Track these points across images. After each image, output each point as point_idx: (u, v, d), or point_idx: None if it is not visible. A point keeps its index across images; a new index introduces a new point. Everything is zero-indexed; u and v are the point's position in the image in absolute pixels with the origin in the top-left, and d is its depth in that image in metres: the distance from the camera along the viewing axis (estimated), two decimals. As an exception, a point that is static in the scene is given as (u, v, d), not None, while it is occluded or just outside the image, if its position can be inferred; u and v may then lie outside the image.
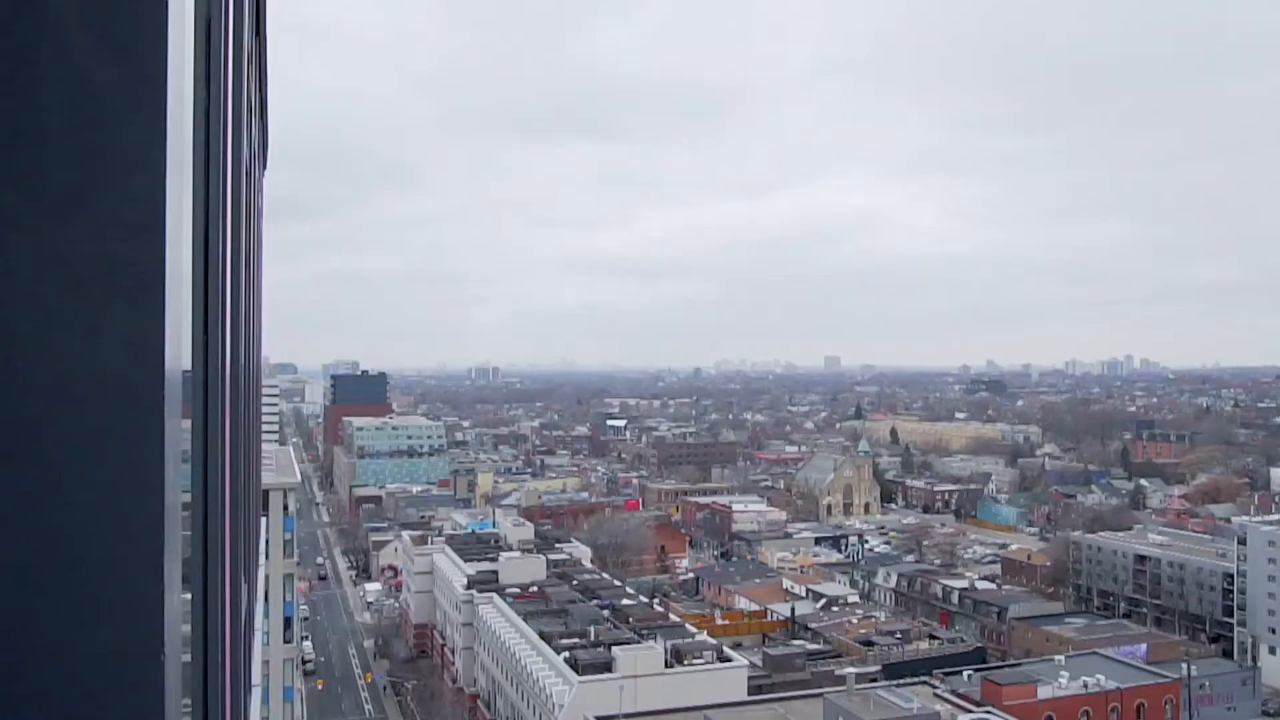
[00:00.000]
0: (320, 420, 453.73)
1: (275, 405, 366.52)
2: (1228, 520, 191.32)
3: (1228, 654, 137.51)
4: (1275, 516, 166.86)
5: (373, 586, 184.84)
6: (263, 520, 59.85)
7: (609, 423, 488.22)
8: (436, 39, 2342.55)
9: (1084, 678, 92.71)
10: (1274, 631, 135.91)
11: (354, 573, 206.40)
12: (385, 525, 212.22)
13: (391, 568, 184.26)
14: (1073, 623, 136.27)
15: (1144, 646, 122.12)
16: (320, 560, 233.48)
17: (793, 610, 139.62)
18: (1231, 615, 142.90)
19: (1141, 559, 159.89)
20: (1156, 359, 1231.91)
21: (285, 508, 68.21)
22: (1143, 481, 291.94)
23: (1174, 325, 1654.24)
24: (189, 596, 3.62)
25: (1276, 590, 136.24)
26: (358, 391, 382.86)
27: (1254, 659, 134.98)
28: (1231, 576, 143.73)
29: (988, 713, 79.80)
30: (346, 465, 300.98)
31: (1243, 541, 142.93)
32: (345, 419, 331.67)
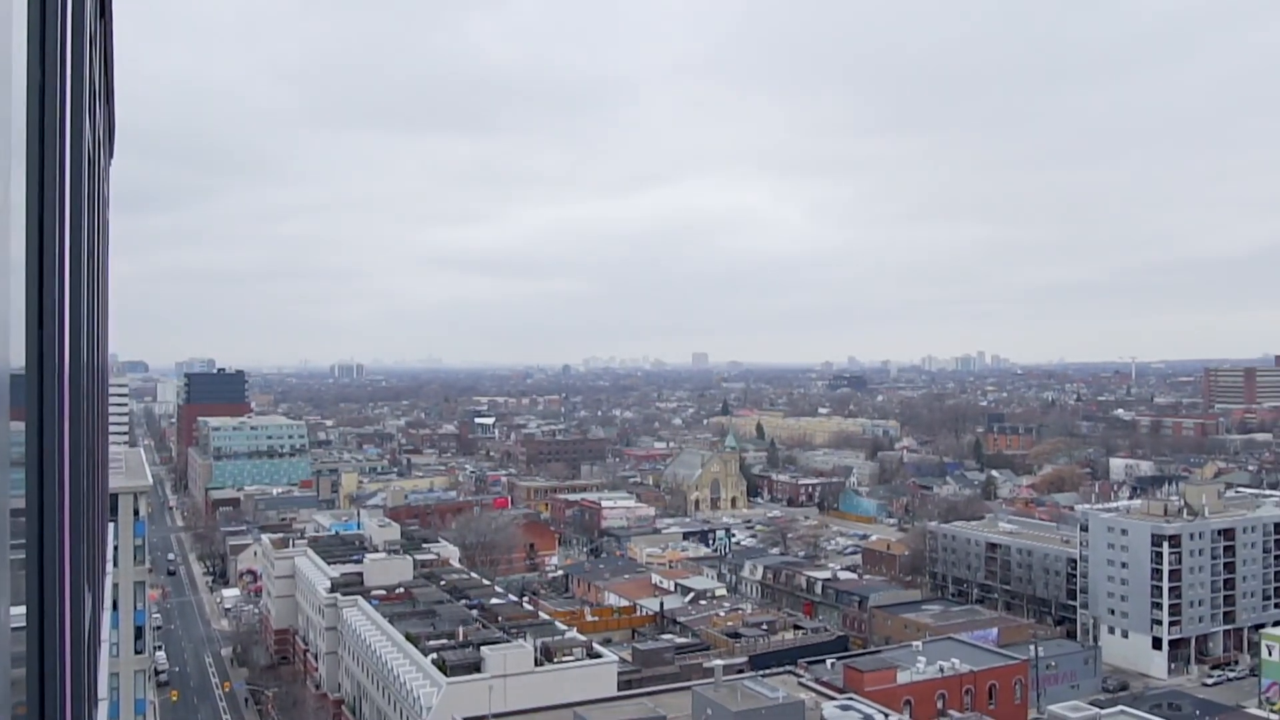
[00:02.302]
0: (174, 420, 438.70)
1: (124, 405, 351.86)
2: (1071, 508, 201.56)
3: (1072, 635, 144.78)
4: (1115, 504, 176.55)
5: (230, 592, 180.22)
6: (110, 526, 57.19)
7: (477, 420, 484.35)
8: (296, 26, 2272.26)
9: (940, 662, 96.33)
10: (1113, 613, 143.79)
11: (210, 578, 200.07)
12: (244, 528, 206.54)
13: (251, 572, 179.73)
14: (929, 609, 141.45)
15: (995, 630, 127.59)
16: (171, 556, 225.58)
17: (661, 605, 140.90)
18: (1075, 598, 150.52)
19: (992, 547, 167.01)
20: (1006, 355, 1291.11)
21: (136, 512, 65.32)
22: (994, 472, 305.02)
23: (1022, 323, 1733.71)
24: (22, 609, 3.38)
25: (1115, 574, 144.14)
26: (214, 390, 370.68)
27: (1095, 639, 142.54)
28: (1075, 562, 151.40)
29: (850, 699, 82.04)
30: (202, 467, 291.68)
31: (1085, 528, 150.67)
32: (200, 419, 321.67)
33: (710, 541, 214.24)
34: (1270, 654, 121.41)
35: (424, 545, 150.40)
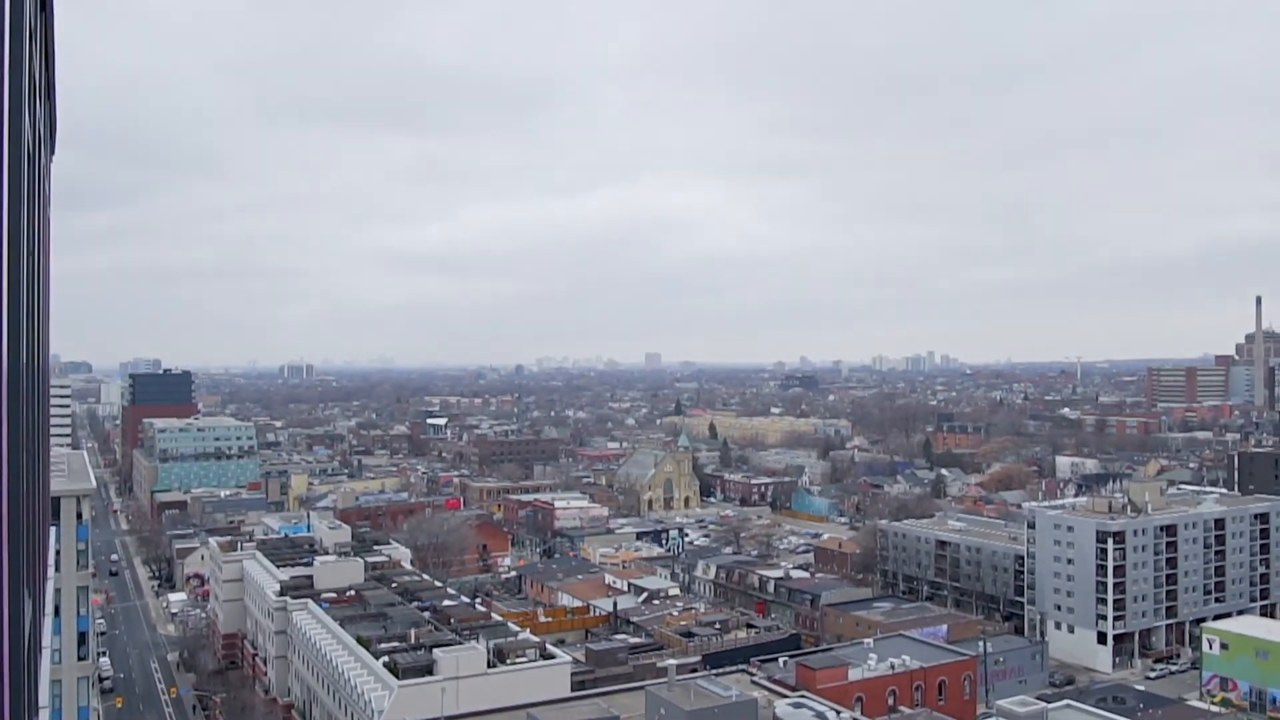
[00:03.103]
0: (118, 422, 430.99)
1: (67, 407, 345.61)
2: (1019, 506, 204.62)
3: (1019, 630, 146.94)
4: (1061, 502, 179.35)
5: (177, 596, 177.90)
6: (52, 530, 56.03)
7: (429, 421, 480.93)
8: (243, 22, 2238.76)
9: (891, 659, 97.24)
10: (1060, 609, 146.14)
11: (156, 582, 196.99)
12: (190, 532, 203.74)
13: (198, 576, 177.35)
14: (880, 607, 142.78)
15: (945, 627, 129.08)
16: (115, 557, 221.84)
17: (615, 605, 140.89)
18: (1022, 594, 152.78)
19: (942, 544, 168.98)
20: (956, 355, 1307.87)
21: (79, 516, 64.05)
22: (943, 471, 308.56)
23: (971, 323, 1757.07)
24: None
25: (1062, 570, 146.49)
26: (160, 391, 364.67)
27: (1042, 634, 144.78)
28: (1022, 559, 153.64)
29: (802, 697, 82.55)
30: (147, 469, 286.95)
31: (1032, 525, 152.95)
32: (146, 420, 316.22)
33: (663, 541, 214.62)
34: (1210, 647, 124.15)
35: (375, 547, 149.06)
